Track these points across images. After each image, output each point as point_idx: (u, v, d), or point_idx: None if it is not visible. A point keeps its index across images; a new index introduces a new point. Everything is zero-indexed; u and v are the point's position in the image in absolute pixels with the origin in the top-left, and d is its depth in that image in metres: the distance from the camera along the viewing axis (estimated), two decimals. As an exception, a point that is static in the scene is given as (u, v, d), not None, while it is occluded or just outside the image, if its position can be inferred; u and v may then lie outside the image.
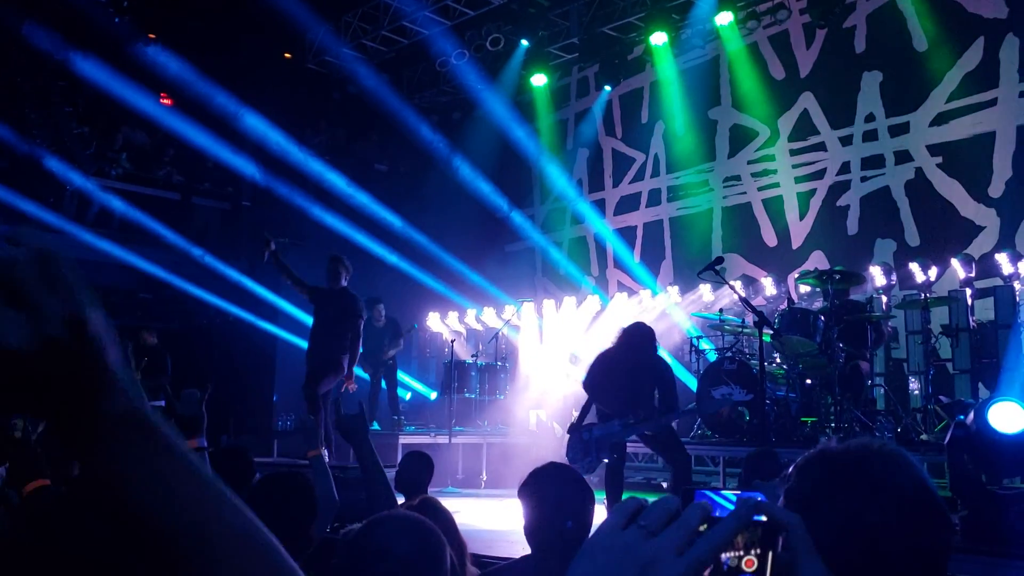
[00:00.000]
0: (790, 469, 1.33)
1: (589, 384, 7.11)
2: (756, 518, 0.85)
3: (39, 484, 2.81)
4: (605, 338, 12.18)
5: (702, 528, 0.79)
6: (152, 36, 12.12)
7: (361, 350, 8.92)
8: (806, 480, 1.25)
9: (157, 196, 13.35)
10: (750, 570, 0.83)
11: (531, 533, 3.21)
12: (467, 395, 12.34)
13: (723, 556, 0.83)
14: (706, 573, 0.79)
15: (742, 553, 0.84)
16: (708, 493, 0.89)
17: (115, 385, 0.69)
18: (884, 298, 9.44)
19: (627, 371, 6.75)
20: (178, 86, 12.01)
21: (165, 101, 12.80)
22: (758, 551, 0.85)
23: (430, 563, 1.97)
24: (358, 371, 9.49)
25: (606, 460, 6.76)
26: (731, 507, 0.86)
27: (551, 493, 3.13)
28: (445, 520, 3.07)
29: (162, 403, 3.79)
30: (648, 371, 6.80)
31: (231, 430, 11.69)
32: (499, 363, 13.00)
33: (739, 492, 0.89)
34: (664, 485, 8.84)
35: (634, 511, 0.80)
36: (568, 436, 7.06)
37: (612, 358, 6.96)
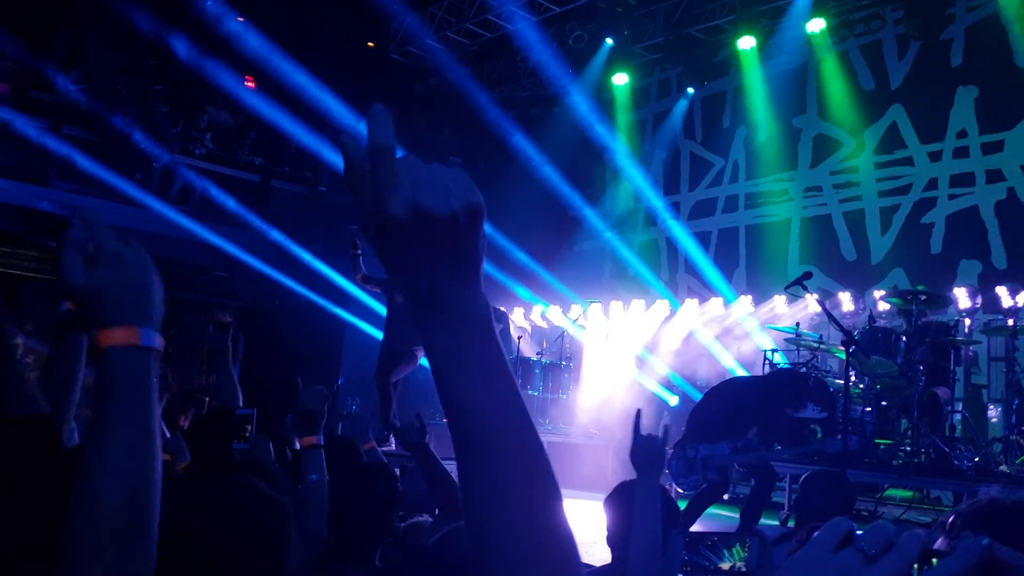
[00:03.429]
0: (950, 519, 1.30)
1: (710, 402, 7.01)
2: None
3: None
4: (676, 342, 12.18)
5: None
6: (241, 18, 12.29)
7: None
8: (982, 532, 1.23)
9: (237, 177, 13.58)
10: None
11: (612, 544, 3.21)
12: (530, 392, 12.32)
13: None
14: None
15: None
16: None
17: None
18: (967, 321, 9.16)
19: (756, 412, 6.65)
20: (262, 69, 12.17)
21: (249, 84, 13.00)
22: None
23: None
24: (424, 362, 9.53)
25: (711, 480, 6.57)
26: None
27: (632, 508, 3.13)
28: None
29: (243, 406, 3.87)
30: (772, 421, 6.73)
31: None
32: (563, 362, 12.95)
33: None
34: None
35: (846, 533, 0.79)
36: (672, 451, 6.77)
37: (749, 391, 6.98)
